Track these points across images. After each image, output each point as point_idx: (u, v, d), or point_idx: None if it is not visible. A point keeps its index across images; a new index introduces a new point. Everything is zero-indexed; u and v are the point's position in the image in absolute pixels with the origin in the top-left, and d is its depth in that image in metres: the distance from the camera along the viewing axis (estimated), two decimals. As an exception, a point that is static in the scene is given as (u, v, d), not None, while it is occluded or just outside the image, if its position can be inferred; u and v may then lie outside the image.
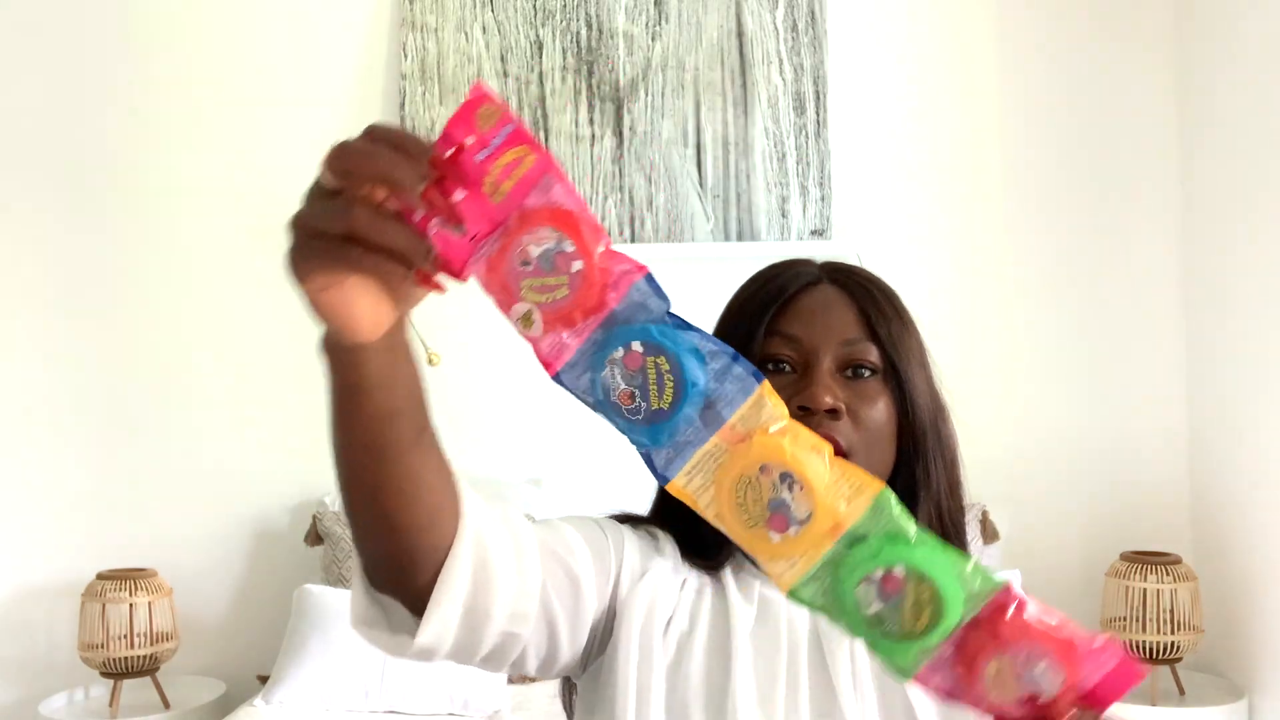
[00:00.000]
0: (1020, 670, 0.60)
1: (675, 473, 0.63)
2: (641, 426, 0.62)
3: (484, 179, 0.59)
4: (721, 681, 0.85)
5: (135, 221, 2.73)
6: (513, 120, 0.59)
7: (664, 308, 0.63)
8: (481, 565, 0.73)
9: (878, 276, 1.00)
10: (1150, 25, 2.77)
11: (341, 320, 0.60)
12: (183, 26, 2.76)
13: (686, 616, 0.89)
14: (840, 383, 0.91)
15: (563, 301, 0.61)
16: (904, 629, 0.61)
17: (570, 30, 2.73)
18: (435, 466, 0.70)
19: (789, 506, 0.61)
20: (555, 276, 0.61)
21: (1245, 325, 2.52)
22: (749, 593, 0.91)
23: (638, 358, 0.62)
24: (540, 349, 0.62)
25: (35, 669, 2.68)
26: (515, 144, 0.59)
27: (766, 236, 2.67)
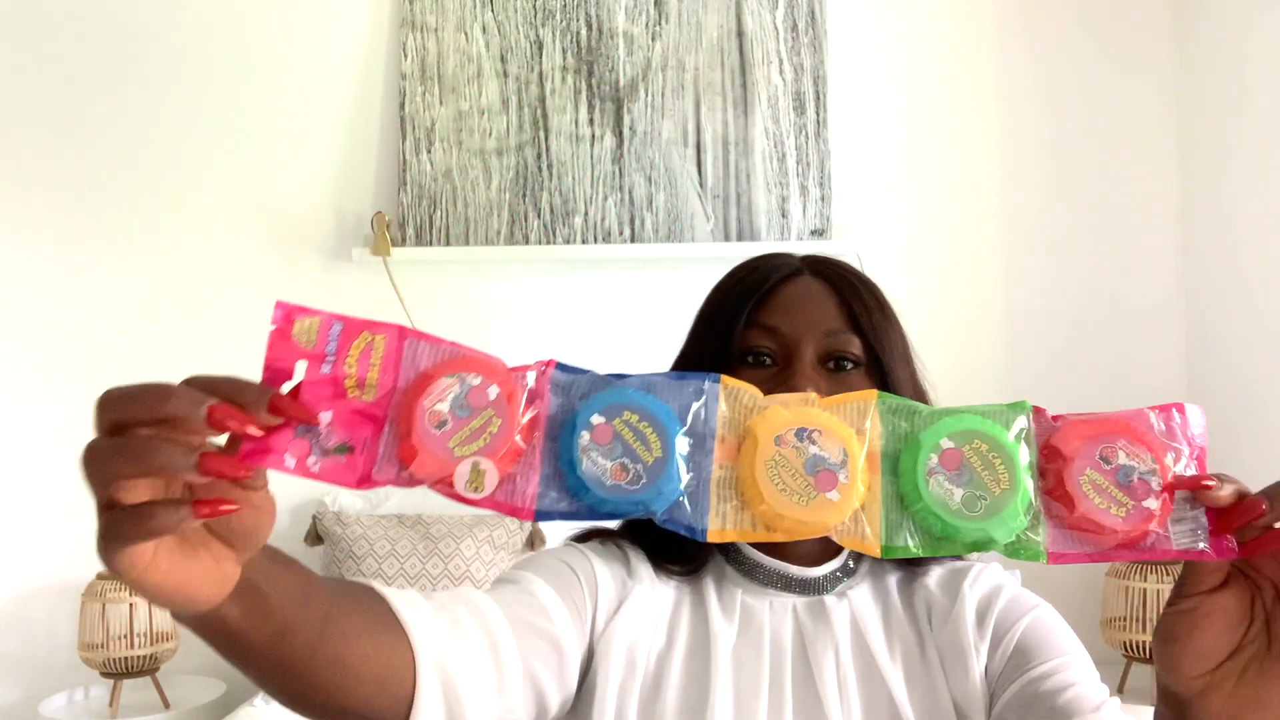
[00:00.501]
0: (1109, 471, 0.58)
1: (705, 520, 0.58)
2: (650, 489, 0.57)
3: (344, 387, 0.54)
4: (699, 703, 0.84)
5: (135, 222, 2.73)
6: (336, 318, 0.55)
7: (591, 376, 0.59)
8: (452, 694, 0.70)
9: (860, 270, 0.97)
10: (1150, 24, 2.77)
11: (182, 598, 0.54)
12: (182, 26, 2.76)
13: (665, 635, 0.88)
14: (822, 375, 0.89)
15: (501, 434, 0.56)
16: (994, 495, 0.57)
17: (570, 30, 2.73)
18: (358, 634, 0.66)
19: (824, 458, 0.58)
20: (479, 415, 0.55)
21: (1245, 325, 2.52)
22: (730, 605, 0.89)
23: (604, 428, 0.57)
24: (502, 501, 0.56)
25: (35, 669, 2.68)
26: (354, 335, 0.55)
27: (766, 236, 2.67)
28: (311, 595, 0.64)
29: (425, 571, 2.39)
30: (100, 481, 0.52)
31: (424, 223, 2.68)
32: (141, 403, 0.50)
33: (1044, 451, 0.59)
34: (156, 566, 0.53)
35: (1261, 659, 0.60)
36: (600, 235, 2.69)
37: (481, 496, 0.55)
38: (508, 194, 2.70)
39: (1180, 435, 0.59)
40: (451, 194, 2.69)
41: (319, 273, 2.72)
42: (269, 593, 0.60)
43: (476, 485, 0.55)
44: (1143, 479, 0.58)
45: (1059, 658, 0.84)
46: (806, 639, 0.87)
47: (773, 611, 0.88)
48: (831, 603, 0.90)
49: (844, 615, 0.89)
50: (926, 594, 0.92)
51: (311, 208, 2.73)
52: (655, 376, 0.60)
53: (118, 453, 0.51)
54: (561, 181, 2.70)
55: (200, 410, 0.49)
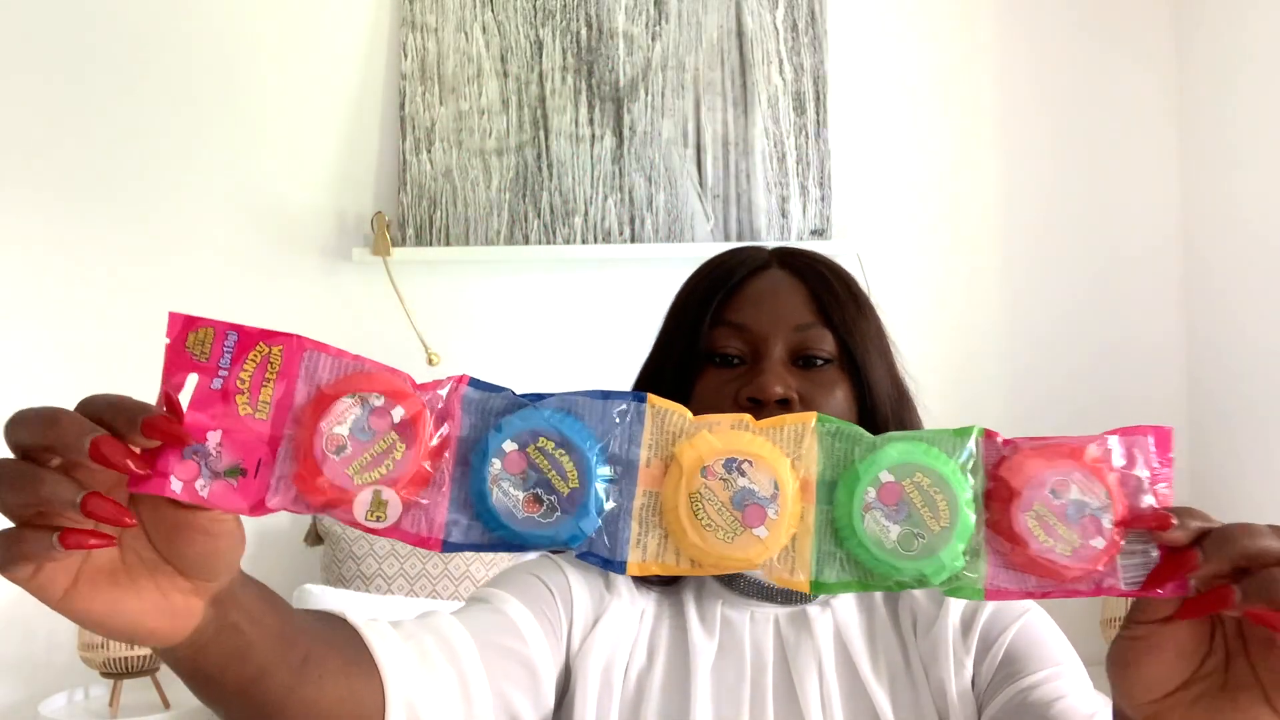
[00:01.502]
0: (1059, 506, 0.54)
1: (625, 552, 0.54)
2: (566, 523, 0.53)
3: (234, 403, 0.50)
4: (680, 718, 0.82)
5: (134, 222, 2.73)
6: (231, 328, 0.51)
7: (507, 396, 0.55)
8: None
9: (833, 260, 0.93)
10: (1150, 24, 2.77)
11: (126, 631, 0.51)
12: (182, 26, 2.76)
13: (645, 652, 0.85)
14: (792, 371, 0.86)
15: (405, 460, 0.51)
16: (933, 533, 0.54)
17: (570, 30, 2.73)
18: (334, 676, 0.64)
19: (753, 491, 0.54)
20: (381, 439, 0.51)
21: (1245, 326, 2.52)
22: (710, 619, 0.86)
23: (516, 457, 0.53)
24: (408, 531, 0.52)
25: (35, 669, 2.68)
26: (249, 347, 0.51)
27: (766, 236, 2.67)
28: (292, 636, 0.61)
29: (425, 571, 2.39)
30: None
31: (424, 223, 2.68)
32: (31, 429, 0.47)
33: (992, 480, 0.55)
34: (80, 595, 0.49)
35: (1214, 695, 0.56)
36: (600, 235, 2.69)
37: (383, 526, 0.51)
38: (508, 194, 2.70)
39: (1145, 462, 0.55)
40: (451, 194, 2.69)
41: (319, 273, 2.72)
42: (251, 634, 0.57)
43: (378, 515, 0.51)
44: (1093, 515, 0.54)
45: (1049, 667, 0.81)
46: (789, 652, 0.85)
47: (754, 623, 0.86)
48: (814, 612, 0.87)
49: (827, 626, 0.87)
50: (911, 600, 0.89)
51: (311, 208, 2.73)
52: (577, 395, 0.56)
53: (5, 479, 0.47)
54: (561, 181, 2.70)
55: (84, 443, 0.46)
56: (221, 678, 0.57)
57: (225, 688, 0.58)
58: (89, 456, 0.46)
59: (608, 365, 2.67)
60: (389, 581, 2.36)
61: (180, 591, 0.52)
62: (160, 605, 0.52)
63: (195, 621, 0.54)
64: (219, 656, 0.56)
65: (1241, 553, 0.52)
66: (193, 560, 0.52)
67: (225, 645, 0.56)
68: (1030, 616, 0.86)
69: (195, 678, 0.57)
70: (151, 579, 0.51)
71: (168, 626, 0.52)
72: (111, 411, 0.49)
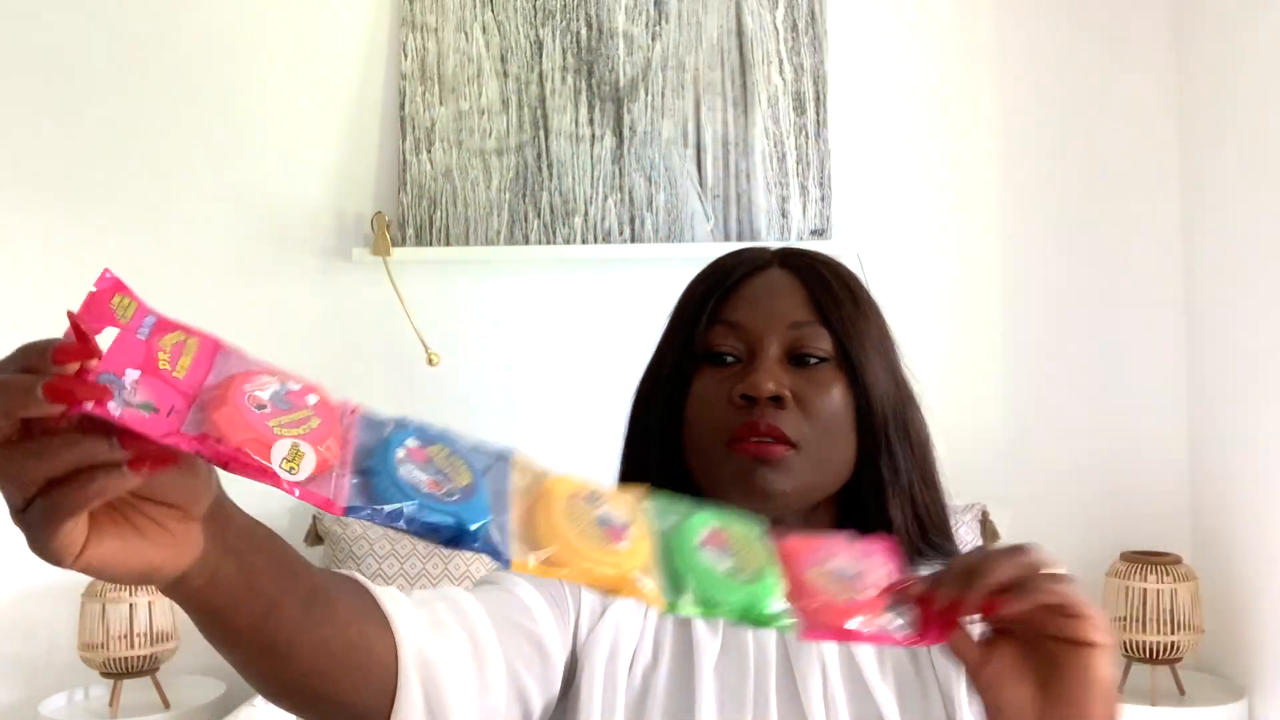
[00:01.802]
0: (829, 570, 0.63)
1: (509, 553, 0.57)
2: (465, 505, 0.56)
3: (156, 357, 0.51)
4: (685, 716, 0.81)
5: (135, 221, 2.73)
6: (152, 311, 0.52)
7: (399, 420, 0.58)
8: (434, 690, 0.69)
9: (835, 260, 0.93)
10: (1151, 26, 2.77)
11: (133, 574, 0.52)
12: (182, 26, 2.76)
13: (650, 648, 0.85)
14: (788, 370, 0.86)
15: (320, 429, 0.53)
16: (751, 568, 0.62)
17: (570, 30, 2.73)
18: (344, 621, 0.65)
19: (611, 517, 0.60)
20: (297, 412, 0.53)
21: (1246, 326, 2.52)
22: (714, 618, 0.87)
23: (419, 451, 0.56)
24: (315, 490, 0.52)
25: (35, 669, 2.68)
26: (168, 330, 0.52)
27: (766, 236, 2.67)
28: (298, 570, 0.62)
29: (425, 571, 2.39)
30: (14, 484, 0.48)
31: (424, 223, 2.68)
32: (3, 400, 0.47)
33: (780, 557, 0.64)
34: (93, 548, 0.50)
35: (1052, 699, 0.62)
36: (600, 235, 2.69)
37: (295, 479, 0.51)
38: (508, 194, 2.70)
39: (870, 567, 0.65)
40: (451, 194, 2.69)
41: (319, 273, 2.72)
42: (255, 561, 0.58)
43: (292, 467, 0.51)
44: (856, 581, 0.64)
45: None
46: (792, 655, 0.84)
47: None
48: None
49: None
50: None
51: (311, 208, 2.73)
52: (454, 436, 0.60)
53: (13, 459, 0.47)
54: (561, 181, 2.70)
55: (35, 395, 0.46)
56: (234, 612, 0.58)
57: (237, 623, 0.59)
58: (46, 401, 0.46)
59: (608, 365, 2.67)
60: (389, 581, 2.36)
61: (173, 519, 0.53)
62: (162, 536, 0.52)
63: (199, 547, 0.54)
64: (228, 585, 0.57)
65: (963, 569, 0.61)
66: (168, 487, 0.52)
67: (232, 572, 0.57)
68: None
69: (210, 614, 0.58)
70: (144, 515, 0.52)
71: (173, 556, 0.53)
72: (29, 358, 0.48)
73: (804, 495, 0.88)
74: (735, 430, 0.86)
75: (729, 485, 0.87)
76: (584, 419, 2.59)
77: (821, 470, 0.88)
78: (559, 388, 2.71)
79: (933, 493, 0.92)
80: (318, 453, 0.52)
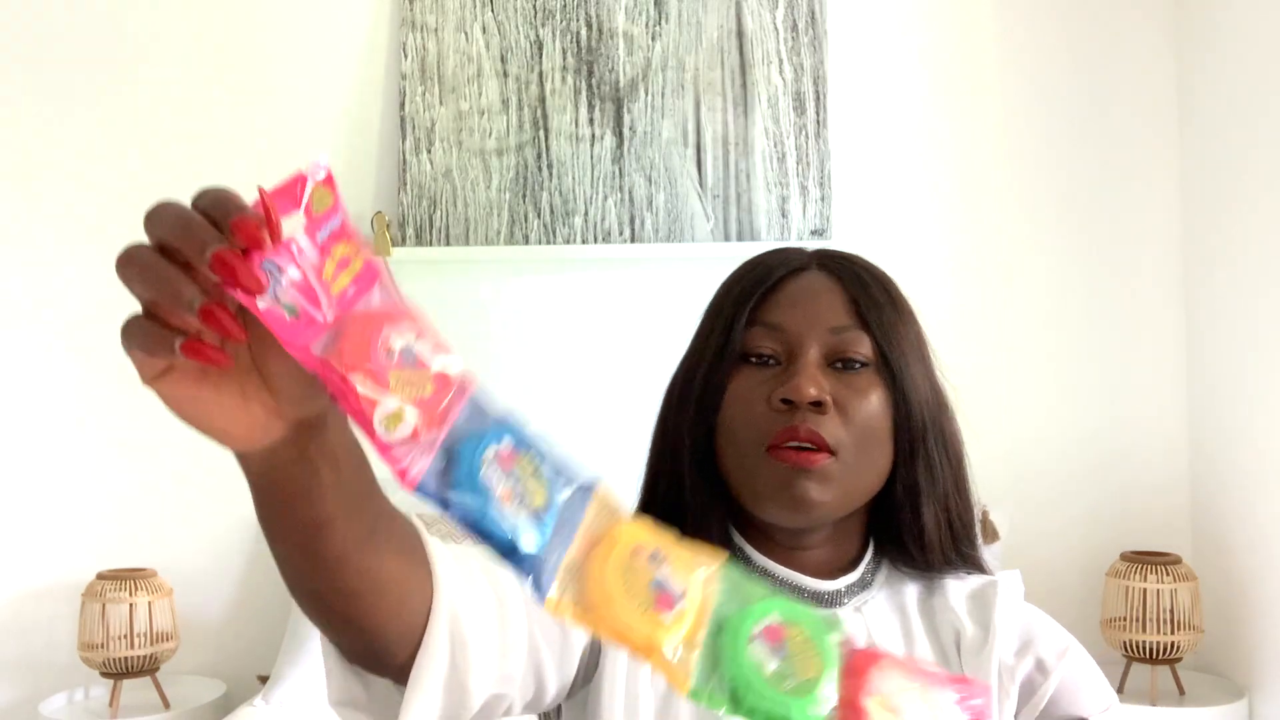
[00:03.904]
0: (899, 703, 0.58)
1: (549, 588, 0.56)
2: (530, 525, 0.55)
3: (323, 264, 0.51)
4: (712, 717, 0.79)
5: (134, 221, 2.72)
6: (342, 214, 0.52)
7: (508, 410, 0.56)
8: (459, 644, 0.68)
9: (874, 264, 0.93)
10: (1151, 24, 2.77)
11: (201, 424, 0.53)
12: (181, 25, 2.76)
13: None
14: (828, 374, 0.84)
15: (430, 399, 0.52)
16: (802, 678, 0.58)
17: (570, 30, 2.73)
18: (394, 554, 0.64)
19: (668, 584, 0.57)
20: (419, 371, 0.52)
21: (1246, 326, 2.52)
22: None
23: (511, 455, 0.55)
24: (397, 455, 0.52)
25: (35, 669, 2.68)
26: (344, 238, 0.52)
27: (766, 236, 2.67)
28: (367, 503, 0.61)
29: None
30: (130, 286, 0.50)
31: (424, 223, 2.68)
32: (166, 227, 0.49)
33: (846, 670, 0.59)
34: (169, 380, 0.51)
35: None
36: (600, 235, 2.69)
37: (386, 438, 0.51)
38: (508, 194, 2.70)
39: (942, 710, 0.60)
40: (451, 194, 2.69)
41: (319, 273, 2.72)
42: (327, 481, 0.57)
43: (389, 426, 0.51)
44: None
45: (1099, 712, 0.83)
46: None
47: None
48: (847, 616, 0.86)
49: (859, 631, 0.86)
50: (953, 617, 0.88)
51: (311, 208, 2.72)
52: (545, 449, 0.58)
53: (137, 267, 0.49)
54: (561, 181, 2.70)
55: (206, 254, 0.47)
56: (287, 512, 0.57)
57: (287, 524, 0.58)
58: (210, 267, 0.47)
59: (608, 365, 2.67)
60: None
61: (262, 405, 0.53)
62: (238, 409, 0.52)
63: (271, 439, 0.54)
64: (290, 487, 0.56)
65: None
66: (278, 375, 0.53)
67: (298, 479, 0.56)
68: (1071, 657, 0.87)
69: (262, 500, 0.58)
70: (239, 385, 0.52)
71: (241, 433, 0.53)
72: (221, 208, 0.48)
73: (842, 504, 0.87)
74: (774, 435, 0.84)
75: (766, 493, 0.85)
76: (585, 419, 2.60)
77: (859, 478, 0.86)
78: (559, 388, 2.70)
79: (964, 502, 0.91)
80: (416, 423, 0.51)
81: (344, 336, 0.51)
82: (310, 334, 0.50)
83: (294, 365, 0.51)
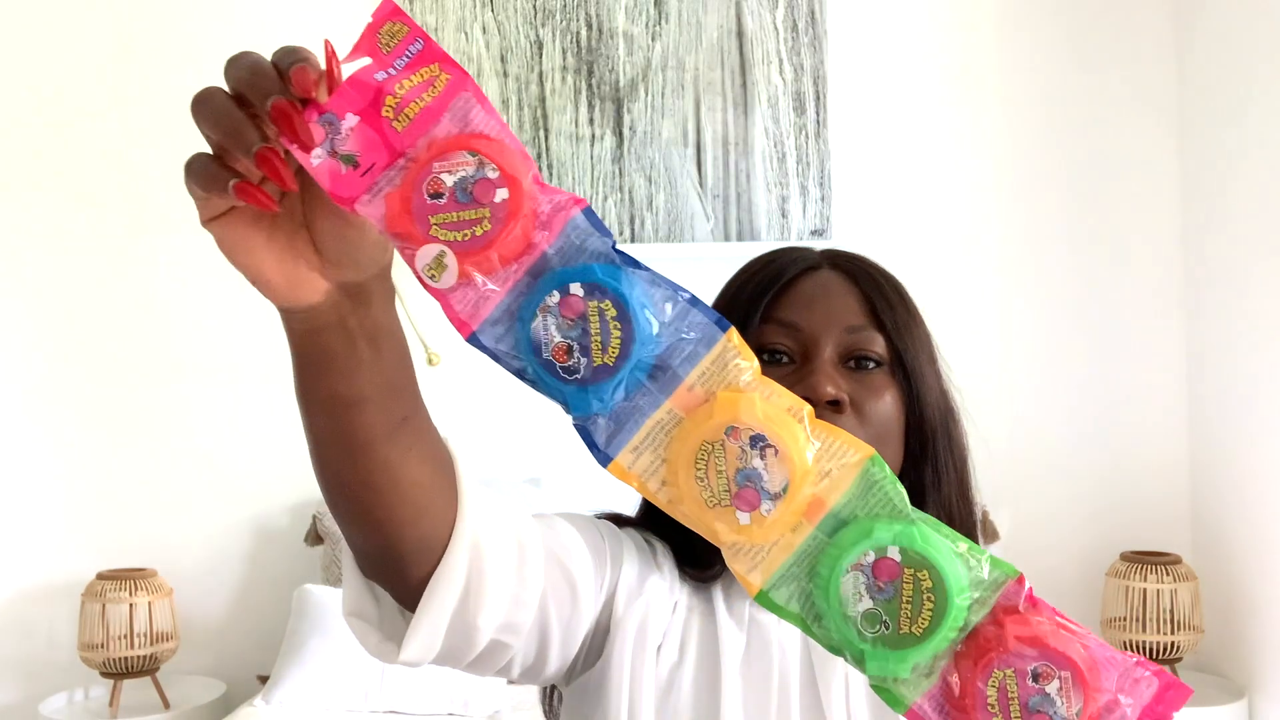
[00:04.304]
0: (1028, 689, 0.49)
1: (619, 449, 0.51)
2: (579, 389, 0.51)
3: (383, 102, 0.50)
4: (710, 717, 0.80)
5: (134, 220, 2.73)
6: (421, 35, 0.51)
7: (608, 245, 0.52)
8: (476, 575, 0.67)
9: (883, 265, 0.92)
10: (1151, 24, 2.77)
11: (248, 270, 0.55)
12: (180, 25, 2.76)
13: (676, 646, 0.83)
14: (843, 373, 0.84)
15: (483, 238, 0.50)
16: (897, 633, 0.50)
17: (570, 30, 2.73)
18: (420, 460, 0.63)
19: (761, 477, 0.50)
20: (475, 209, 0.50)
21: (1245, 325, 2.52)
22: (739, 617, 0.84)
23: (577, 302, 0.50)
24: (452, 303, 0.51)
25: (35, 669, 2.68)
26: (426, 62, 0.51)
27: (766, 236, 2.67)
28: (402, 391, 0.61)
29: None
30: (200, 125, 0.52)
31: (424, 223, 2.68)
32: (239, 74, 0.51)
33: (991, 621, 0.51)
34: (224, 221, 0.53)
35: None
36: (600, 235, 2.69)
37: (436, 286, 0.50)
38: (508, 194, 2.70)
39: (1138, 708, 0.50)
40: (451, 194, 2.69)
41: (319, 273, 2.72)
42: (363, 354, 0.57)
43: (434, 274, 0.50)
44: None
45: None
46: (815, 660, 0.83)
47: (781, 627, 0.84)
48: None
49: None
50: None
51: (311, 208, 2.72)
52: (668, 284, 0.52)
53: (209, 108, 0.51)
54: (561, 181, 2.70)
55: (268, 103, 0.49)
56: (321, 381, 0.58)
57: (320, 394, 0.59)
58: (269, 117, 0.49)
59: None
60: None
61: (308, 262, 0.55)
62: (285, 263, 0.54)
63: (313, 299, 0.55)
64: (326, 355, 0.57)
65: None
66: (324, 234, 0.54)
67: (335, 348, 0.57)
68: None
69: (300, 364, 0.59)
70: (289, 238, 0.54)
71: (284, 286, 0.55)
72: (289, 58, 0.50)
73: None
74: None
75: None
76: (584, 419, 2.59)
77: None
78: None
79: (968, 506, 0.90)
80: (461, 268, 0.50)
81: (401, 177, 0.51)
82: (366, 181, 0.50)
83: (343, 226, 0.53)
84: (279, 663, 2.33)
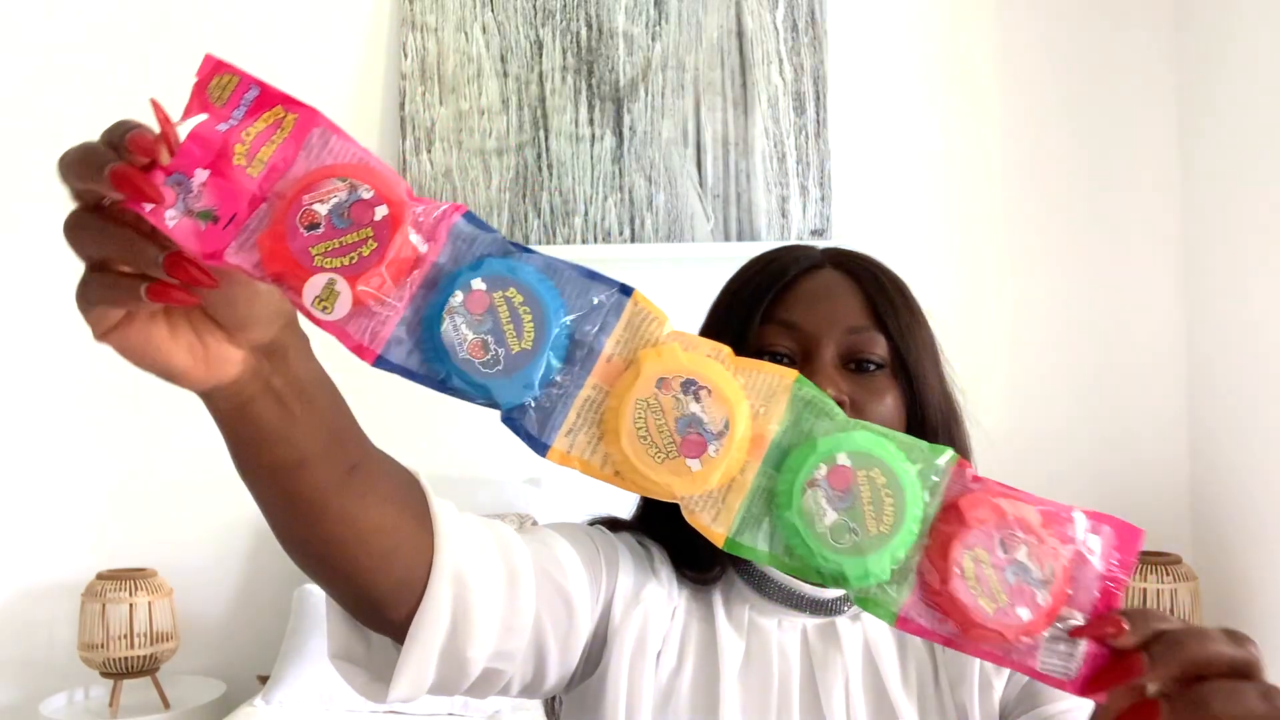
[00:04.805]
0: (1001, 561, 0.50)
1: (554, 436, 0.51)
2: (504, 380, 0.50)
3: (233, 151, 0.49)
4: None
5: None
6: (255, 82, 0.50)
7: (497, 238, 0.51)
8: (462, 607, 0.66)
9: (885, 265, 0.91)
10: (1150, 23, 2.77)
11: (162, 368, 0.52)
12: (180, 25, 2.76)
13: (675, 652, 0.82)
14: (844, 375, 0.83)
15: (371, 257, 0.48)
16: (868, 535, 0.50)
17: (570, 30, 2.73)
18: (379, 502, 0.61)
19: (701, 420, 0.50)
20: (356, 231, 0.49)
21: (1246, 325, 2.52)
22: (738, 622, 0.83)
23: (482, 297, 0.50)
24: (349, 332, 0.49)
25: (35, 669, 2.68)
26: (267, 106, 0.50)
27: (766, 236, 2.67)
28: (344, 437, 0.59)
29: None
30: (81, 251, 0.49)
31: (424, 223, 2.68)
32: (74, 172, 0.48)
33: (947, 509, 0.51)
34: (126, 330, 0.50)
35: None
36: (600, 235, 2.69)
37: (327, 319, 0.48)
38: (508, 194, 2.70)
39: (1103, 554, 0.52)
40: (451, 194, 2.69)
41: (319, 273, 2.72)
42: (296, 412, 0.55)
43: (325, 305, 0.48)
44: (1030, 586, 0.51)
45: (1074, 699, 0.80)
46: (815, 665, 0.82)
47: (781, 631, 0.83)
48: (844, 625, 0.85)
49: (856, 640, 0.84)
50: None
51: (311, 208, 2.72)
52: (564, 264, 0.52)
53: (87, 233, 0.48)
54: (561, 181, 2.70)
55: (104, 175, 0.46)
56: (260, 453, 0.56)
57: (261, 466, 0.57)
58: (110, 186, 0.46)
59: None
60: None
61: (214, 338, 0.52)
62: (194, 348, 0.52)
63: (232, 371, 0.53)
64: (258, 425, 0.55)
65: (1191, 659, 0.51)
66: (214, 304, 0.51)
67: (266, 415, 0.55)
68: None
69: (234, 442, 0.56)
70: (187, 323, 0.52)
71: (201, 370, 0.52)
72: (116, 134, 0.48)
73: None
74: None
75: None
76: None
77: None
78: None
79: None
80: (355, 293, 0.49)
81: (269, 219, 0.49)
82: (229, 233, 0.48)
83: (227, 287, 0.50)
84: (279, 663, 2.33)
